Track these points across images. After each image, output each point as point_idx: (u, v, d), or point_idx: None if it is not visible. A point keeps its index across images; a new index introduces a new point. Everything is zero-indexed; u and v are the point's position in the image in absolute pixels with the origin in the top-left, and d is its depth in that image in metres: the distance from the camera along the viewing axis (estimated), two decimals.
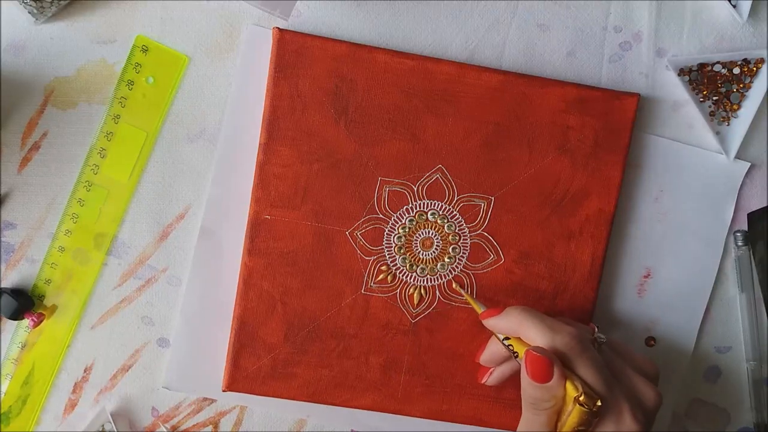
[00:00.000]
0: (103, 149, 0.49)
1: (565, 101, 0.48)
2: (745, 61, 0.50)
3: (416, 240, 0.49)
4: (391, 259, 0.49)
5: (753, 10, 0.50)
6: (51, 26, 0.48)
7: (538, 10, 0.50)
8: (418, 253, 0.49)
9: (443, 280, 0.49)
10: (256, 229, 0.48)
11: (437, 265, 0.49)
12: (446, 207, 0.49)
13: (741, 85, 0.50)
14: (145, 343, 0.50)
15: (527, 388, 0.41)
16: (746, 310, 0.52)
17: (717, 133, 0.51)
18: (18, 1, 0.46)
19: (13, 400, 0.49)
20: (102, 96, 0.49)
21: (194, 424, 0.50)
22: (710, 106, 0.51)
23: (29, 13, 0.47)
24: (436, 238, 0.49)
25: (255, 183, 0.48)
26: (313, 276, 0.48)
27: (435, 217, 0.49)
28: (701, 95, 0.51)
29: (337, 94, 0.48)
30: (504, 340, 0.44)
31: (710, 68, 0.50)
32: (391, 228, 0.49)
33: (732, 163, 0.51)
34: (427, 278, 0.49)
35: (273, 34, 0.47)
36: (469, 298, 0.48)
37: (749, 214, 0.52)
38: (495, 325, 0.45)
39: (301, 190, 0.48)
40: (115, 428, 0.49)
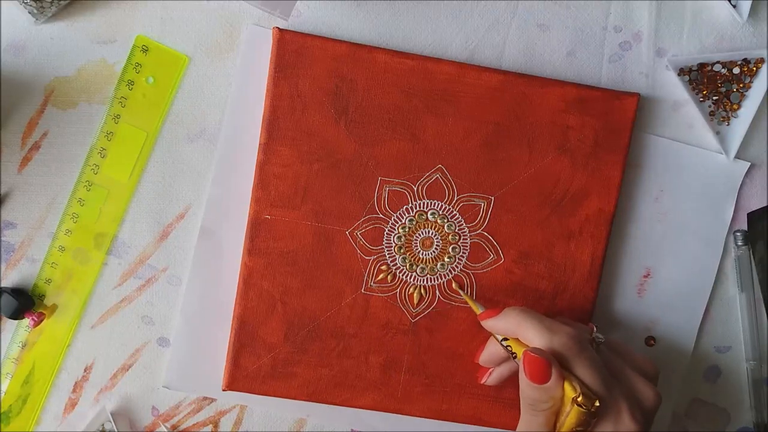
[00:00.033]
0: (104, 149, 0.49)
1: (565, 101, 0.48)
2: (745, 60, 0.50)
3: (416, 240, 0.49)
4: (391, 259, 0.49)
5: (753, 10, 0.50)
6: (51, 26, 0.48)
7: (538, 10, 0.50)
8: (418, 252, 0.49)
9: (443, 279, 0.49)
10: (256, 228, 0.48)
11: (437, 265, 0.49)
12: (446, 207, 0.49)
13: (741, 85, 0.50)
14: (145, 343, 0.50)
15: (525, 389, 0.41)
16: (746, 309, 0.52)
17: (717, 132, 0.51)
18: (18, 1, 0.46)
19: (13, 400, 0.49)
20: (102, 96, 0.49)
21: (194, 424, 0.50)
22: (710, 106, 0.51)
23: (29, 13, 0.47)
24: (436, 238, 0.49)
25: (255, 183, 0.48)
26: (313, 276, 0.48)
27: (435, 216, 0.49)
28: (701, 95, 0.51)
29: (337, 94, 0.48)
30: (502, 341, 0.44)
31: (710, 68, 0.50)
32: (391, 228, 0.49)
33: (732, 163, 0.51)
34: (426, 278, 0.49)
35: (273, 34, 0.47)
36: (468, 299, 0.48)
37: (749, 214, 0.51)
38: (493, 326, 0.45)
39: (301, 190, 0.48)
40: (115, 427, 0.49)
